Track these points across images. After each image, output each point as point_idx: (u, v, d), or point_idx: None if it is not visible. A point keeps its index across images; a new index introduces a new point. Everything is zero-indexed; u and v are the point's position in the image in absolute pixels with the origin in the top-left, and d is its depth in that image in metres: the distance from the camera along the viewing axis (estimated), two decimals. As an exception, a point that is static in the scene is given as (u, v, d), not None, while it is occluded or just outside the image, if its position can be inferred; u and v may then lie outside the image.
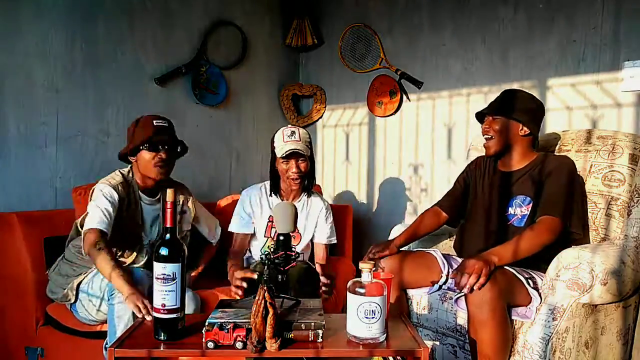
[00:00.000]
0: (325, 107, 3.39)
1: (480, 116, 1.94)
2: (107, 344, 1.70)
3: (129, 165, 1.99)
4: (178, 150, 1.97)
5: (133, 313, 1.62)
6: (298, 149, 1.98)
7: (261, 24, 3.24)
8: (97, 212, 1.78)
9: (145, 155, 1.88)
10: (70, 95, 2.32)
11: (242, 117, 3.14)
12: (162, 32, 2.68)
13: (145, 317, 1.48)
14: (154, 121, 1.90)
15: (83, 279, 1.84)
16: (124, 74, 2.53)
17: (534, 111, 1.84)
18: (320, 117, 3.41)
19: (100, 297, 1.76)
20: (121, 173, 1.94)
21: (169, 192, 1.30)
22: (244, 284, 1.73)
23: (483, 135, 1.88)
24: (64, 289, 1.86)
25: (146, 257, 1.94)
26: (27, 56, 2.18)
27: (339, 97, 3.32)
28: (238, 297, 1.72)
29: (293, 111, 3.42)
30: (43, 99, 2.23)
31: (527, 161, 1.85)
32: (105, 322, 1.78)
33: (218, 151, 3.02)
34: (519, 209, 1.80)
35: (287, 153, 1.98)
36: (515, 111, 1.80)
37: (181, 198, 2.09)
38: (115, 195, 1.84)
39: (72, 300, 1.84)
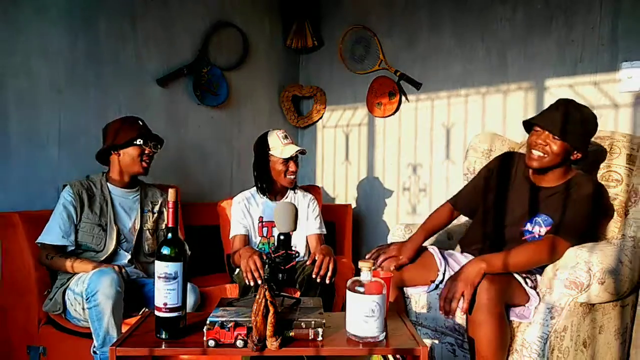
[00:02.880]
0: (325, 107, 3.40)
1: (528, 125, 1.79)
2: (94, 346, 1.71)
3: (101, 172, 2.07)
4: (159, 145, 2.10)
5: (113, 311, 1.66)
6: (301, 149, 2.16)
7: (262, 25, 3.25)
8: (50, 224, 1.90)
9: (133, 151, 2.00)
10: (72, 95, 2.33)
11: (243, 118, 3.16)
12: (163, 33, 2.70)
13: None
14: (137, 121, 2.04)
15: (69, 283, 1.85)
16: (126, 74, 2.54)
17: (591, 134, 1.75)
18: (320, 118, 3.43)
19: (81, 295, 1.77)
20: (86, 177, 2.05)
21: (171, 192, 1.30)
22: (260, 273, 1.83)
23: (532, 148, 1.73)
24: (51, 299, 1.88)
25: (129, 252, 2.02)
26: (29, 56, 2.19)
27: (338, 98, 3.34)
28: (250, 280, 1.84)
29: (293, 112, 3.44)
30: (45, 99, 2.24)
31: (562, 180, 1.75)
32: None
33: (219, 152, 3.03)
34: (538, 228, 1.74)
35: (296, 153, 2.15)
36: (577, 136, 1.68)
37: (160, 199, 2.17)
38: (69, 192, 1.93)
39: (62, 309, 1.85)
